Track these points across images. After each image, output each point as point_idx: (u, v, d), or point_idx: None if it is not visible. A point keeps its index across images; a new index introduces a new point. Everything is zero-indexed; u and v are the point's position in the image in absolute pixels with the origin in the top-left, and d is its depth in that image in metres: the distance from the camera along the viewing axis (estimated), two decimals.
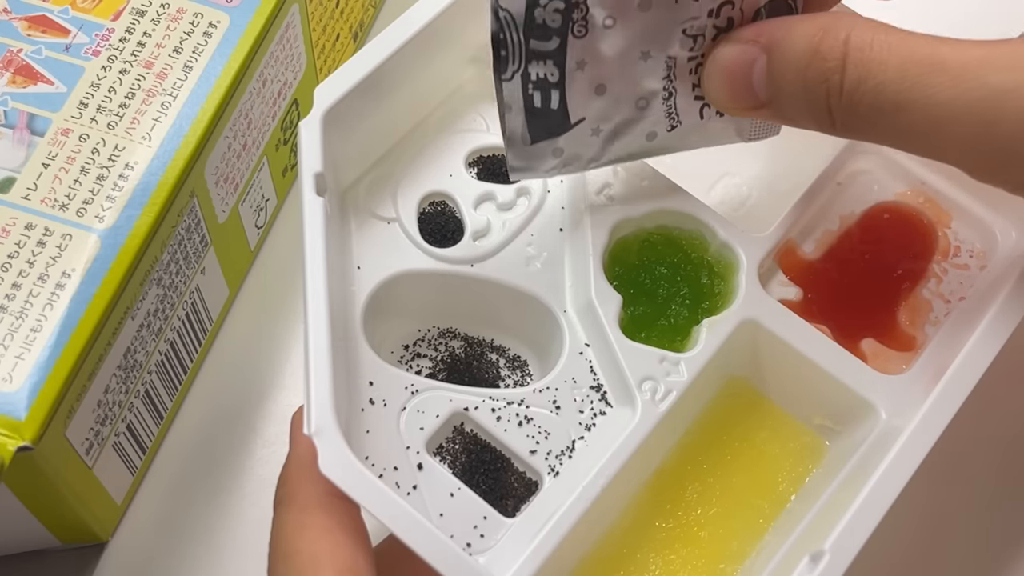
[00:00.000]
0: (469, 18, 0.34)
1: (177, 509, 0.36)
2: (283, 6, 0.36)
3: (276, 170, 0.40)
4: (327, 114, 0.31)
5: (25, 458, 0.29)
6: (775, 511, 0.32)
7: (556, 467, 0.30)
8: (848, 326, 0.34)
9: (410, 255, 0.33)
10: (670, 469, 0.33)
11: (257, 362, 0.39)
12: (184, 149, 0.33)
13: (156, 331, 0.34)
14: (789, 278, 0.34)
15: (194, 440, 0.38)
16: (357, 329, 0.31)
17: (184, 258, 0.35)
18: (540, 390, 0.31)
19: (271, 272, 0.41)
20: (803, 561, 0.28)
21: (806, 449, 0.33)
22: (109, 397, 0.32)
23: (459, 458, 0.31)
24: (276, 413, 0.38)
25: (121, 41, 0.34)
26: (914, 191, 0.36)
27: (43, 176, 0.32)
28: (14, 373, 0.29)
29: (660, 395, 0.31)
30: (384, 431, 0.30)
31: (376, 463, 0.29)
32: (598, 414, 0.31)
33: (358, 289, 0.32)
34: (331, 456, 0.26)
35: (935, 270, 0.35)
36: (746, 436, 0.33)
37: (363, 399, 0.30)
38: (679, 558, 0.31)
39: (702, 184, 0.38)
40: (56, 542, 0.34)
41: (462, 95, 0.36)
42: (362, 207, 0.33)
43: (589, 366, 0.32)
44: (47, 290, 0.30)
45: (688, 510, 0.32)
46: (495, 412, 0.31)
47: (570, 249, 0.33)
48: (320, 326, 0.28)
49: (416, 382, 0.31)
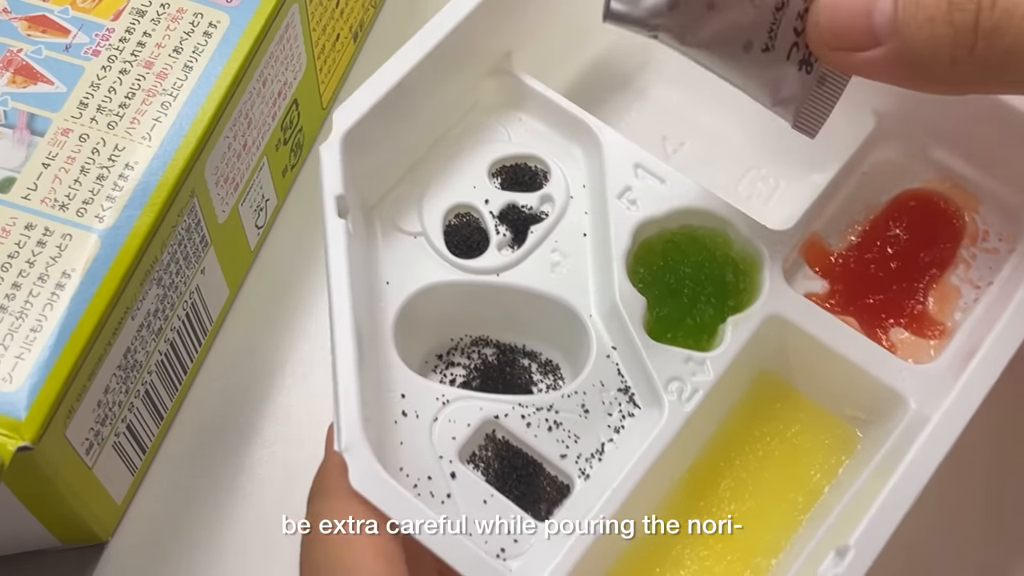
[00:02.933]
0: (486, 30, 0.34)
1: (177, 509, 0.36)
2: (283, 6, 0.36)
3: (276, 170, 0.40)
4: (347, 136, 0.31)
5: (25, 458, 0.29)
6: (810, 503, 0.32)
7: (586, 470, 0.31)
8: (876, 316, 0.34)
9: (437, 268, 0.33)
10: (703, 466, 0.33)
11: (257, 362, 0.39)
12: (184, 149, 0.33)
13: (156, 331, 0.34)
14: (815, 271, 0.34)
15: (194, 440, 0.38)
16: (388, 343, 0.31)
17: (184, 258, 0.35)
18: (568, 395, 0.32)
19: (271, 272, 0.41)
20: (829, 556, 0.28)
21: (839, 441, 0.33)
22: (109, 397, 0.32)
23: (491, 465, 0.31)
24: (276, 413, 0.38)
25: (121, 41, 0.34)
26: (940, 177, 0.36)
27: (43, 176, 0.32)
28: (14, 373, 0.29)
29: (687, 395, 0.31)
30: (417, 442, 0.30)
31: (411, 474, 0.30)
32: (626, 416, 0.32)
33: (387, 304, 0.32)
34: (361, 471, 0.27)
35: (963, 256, 0.35)
36: (778, 430, 0.33)
37: (396, 412, 0.31)
38: (713, 554, 0.32)
39: (729, 178, 0.39)
40: (56, 542, 0.34)
41: (482, 107, 0.36)
42: (388, 223, 0.34)
43: (616, 369, 0.32)
44: (47, 290, 0.30)
45: (722, 506, 0.32)
46: (525, 418, 0.31)
47: (594, 253, 0.34)
48: (346, 344, 0.28)
49: (447, 392, 0.31)
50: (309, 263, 0.41)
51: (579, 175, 0.35)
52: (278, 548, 0.36)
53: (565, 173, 0.35)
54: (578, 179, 0.35)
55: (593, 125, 0.35)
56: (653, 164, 0.34)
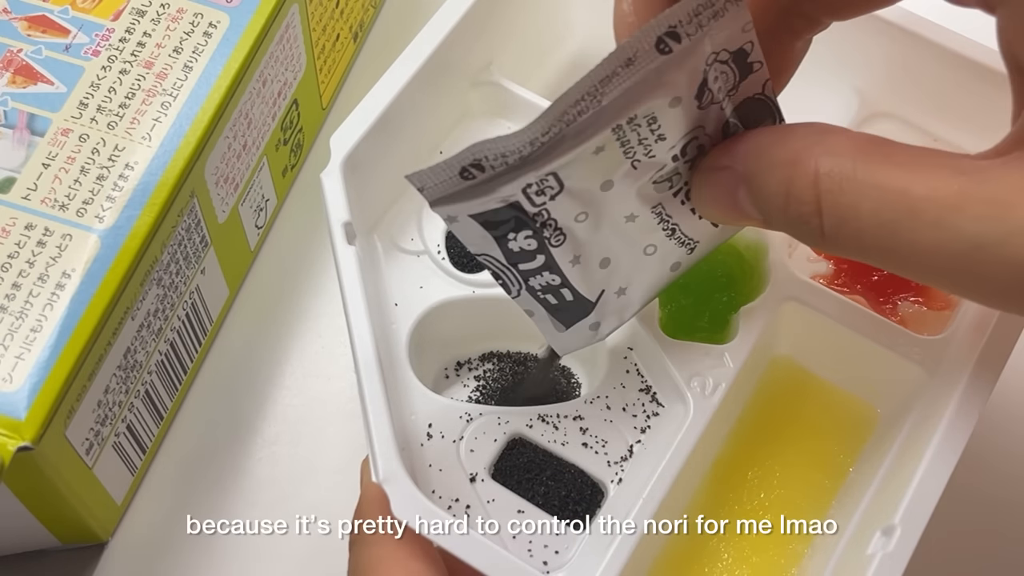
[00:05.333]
0: (465, 45, 0.35)
1: (177, 509, 0.36)
2: (283, 6, 0.36)
3: (276, 170, 0.40)
4: (346, 161, 0.31)
5: (25, 458, 0.29)
6: (836, 484, 0.32)
7: (619, 473, 0.31)
8: (883, 293, 0.34)
9: (443, 285, 0.33)
10: (727, 458, 0.33)
11: (257, 362, 0.39)
12: (184, 149, 0.33)
13: (156, 331, 0.34)
14: (818, 253, 0.35)
15: (194, 440, 0.38)
16: (404, 366, 0.32)
17: (184, 258, 0.35)
18: (591, 400, 0.32)
19: (271, 272, 0.41)
20: (875, 536, 0.28)
21: (859, 419, 0.33)
22: (109, 397, 0.32)
23: (522, 478, 0.31)
24: (276, 413, 0.38)
25: (121, 41, 0.34)
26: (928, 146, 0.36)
27: (43, 176, 0.32)
28: (14, 373, 0.29)
29: (710, 389, 0.31)
30: (446, 463, 0.30)
31: (443, 495, 0.30)
32: (651, 416, 0.32)
33: (399, 326, 0.32)
34: (402, 500, 0.27)
35: None
36: (798, 414, 0.34)
37: (421, 435, 0.31)
38: (749, 544, 0.32)
39: None
40: (56, 542, 0.34)
41: (470, 118, 0.37)
42: (390, 244, 0.34)
43: (636, 369, 0.32)
44: (47, 290, 0.30)
45: (752, 495, 0.32)
46: (550, 428, 0.31)
47: None
48: (372, 373, 0.28)
49: (470, 410, 0.31)
50: (309, 263, 0.41)
51: None
52: (278, 548, 0.36)
53: None
54: None
55: None
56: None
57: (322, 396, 0.39)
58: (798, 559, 0.31)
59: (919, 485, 0.28)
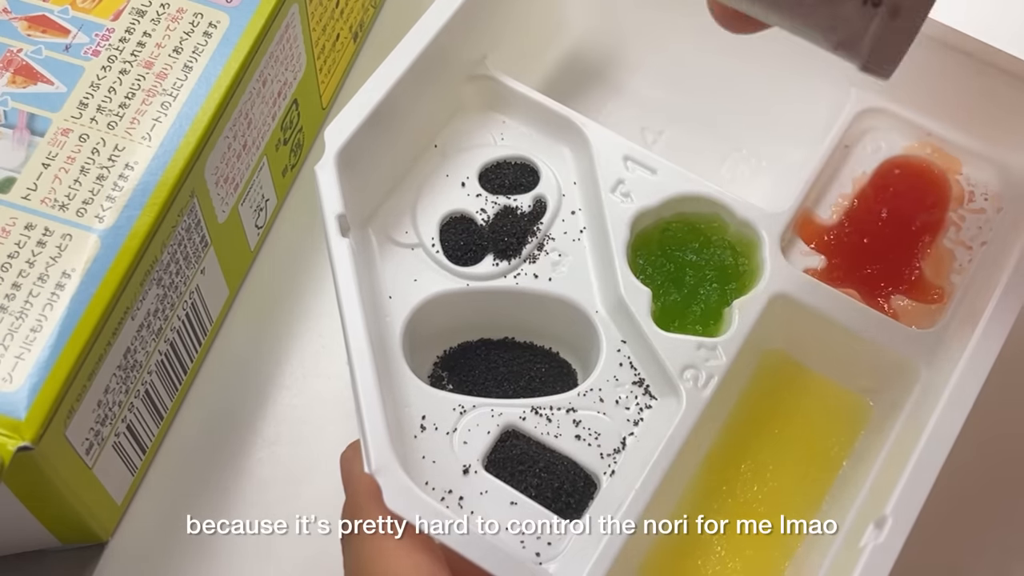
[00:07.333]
0: (460, 39, 0.35)
1: (177, 509, 0.36)
2: (283, 6, 0.36)
3: (276, 170, 0.40)
4: (340, 154, 0.31)
5: (25, 458, 0.29)
6: (830, 478, 0.33)
7: (612, 466, 0.31)
8: (876, 286, 0.34)
9: (437, 278, 0.33)
10: (720, 451, 0.33)
11: (257, 362, 0.39)
12: (184, 149, 0.33)
13: (156, 331, 0.34)
14: (811, 247, 0.35)
15: (194, 440, 0.38)
16: (398, 358, 0.32)
17: (184, 258, 0.35)
18: (584, 392, 0.32)
19: (271, 272, 0.41)
20: (868, 529, 0.28)
21: (852, 412, 0.33)
22: (109, 397, 0.32)
23: (515, 470, 0.31)
24: (276, 413, 0.38)
25: (121, 41, 0.34)
26: (921, 143, 0.36)
27: (43, 176, 0.32)
28: (14, 373, 0.29)
29: (702, 381, 0.31)
30: (439, 455, 0.30)
31: (436, 487, 0.30)
32: (644, 408, 0.32)
33: (393, 319, 0.32)
34: (395, 491, 0.27)
35: (953, 218, 0.35)
36: (791, 407, 0.34)
37: (414, 426, 0.31)
38: (743, 537, 0.32)
39: (711, 163, 0.39)
40: (56, 542, 0.34)
41: (465, 112, 0.37)
42: (384, 237, 0.34)
43: (629, 362, 0.32)
44: (47, 290, 0.30)
45: (745, 488, 0.32)
46: (544, 420, 0.31)
47: (593, 249, 0.34)
48: (365, 363, 0.28)
49: (463, 401, 0.31)
50: (309, 263, 0.41)
51: (568, 172, 0.35)
52: (278, 548, 0.36)
53: (555, 171, 0.35)
54: (568, 176, 0.35)
55: (578, 121, 0.35)
56: (642, 155, 0.35)
57: (323, 396, 0.39)
58: (792, 552, 0.32)
59: (911, 476, 0.28)
